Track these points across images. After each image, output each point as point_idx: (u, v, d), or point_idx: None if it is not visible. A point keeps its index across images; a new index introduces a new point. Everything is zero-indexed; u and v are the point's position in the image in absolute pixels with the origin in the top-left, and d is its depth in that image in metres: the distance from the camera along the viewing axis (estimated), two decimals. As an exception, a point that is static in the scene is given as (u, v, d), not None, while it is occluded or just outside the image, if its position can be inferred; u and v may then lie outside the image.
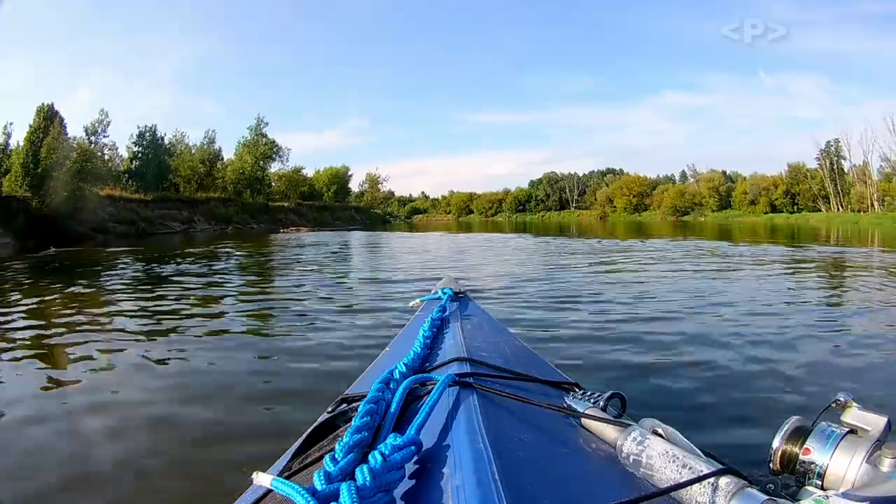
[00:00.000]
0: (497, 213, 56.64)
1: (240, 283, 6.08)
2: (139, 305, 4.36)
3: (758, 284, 5.29)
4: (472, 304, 1.55)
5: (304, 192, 40.96)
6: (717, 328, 3.32)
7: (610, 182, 51.92)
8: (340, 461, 0.50)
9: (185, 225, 25.20)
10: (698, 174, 47.31)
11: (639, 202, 48.52)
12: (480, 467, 0.49)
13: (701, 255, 8.63)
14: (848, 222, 28.07)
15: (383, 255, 10.66)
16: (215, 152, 33.50)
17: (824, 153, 37.16)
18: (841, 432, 0.55)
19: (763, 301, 4.29)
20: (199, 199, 29.05)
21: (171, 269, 7.50)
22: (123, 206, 22.87)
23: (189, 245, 13.64)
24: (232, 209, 30.09)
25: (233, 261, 9.17)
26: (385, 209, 53.66)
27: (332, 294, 4.94)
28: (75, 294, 5.16)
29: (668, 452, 0.54)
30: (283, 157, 38.23)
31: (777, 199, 39.39)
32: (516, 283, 5.43)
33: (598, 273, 6.31)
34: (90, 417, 1.99)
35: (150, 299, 4.64)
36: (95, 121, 26.77)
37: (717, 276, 5.93)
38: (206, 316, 3.92)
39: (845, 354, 2.78)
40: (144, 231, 21.42)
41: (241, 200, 32.36)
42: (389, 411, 0.64)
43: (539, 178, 57.07)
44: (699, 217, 41.65)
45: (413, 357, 0.86)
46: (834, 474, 0.53)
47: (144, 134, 30.49)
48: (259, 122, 36.91)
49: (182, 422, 1.95)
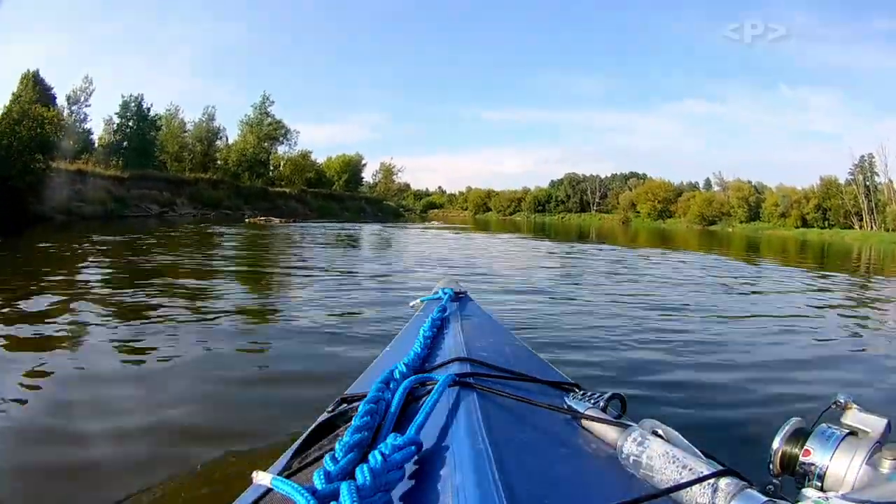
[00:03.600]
0: (515, 213, 55.41)
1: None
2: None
3: (767, 295, 5.27)
4: (473, 304, 1.55)
5: (311, 178, 37.74)
6: (718, 330, 3.32)
7: (633, 186, 50.77)
8: (340, 461, 0.50)
9: (164, 208, 22.13)
10: (725, 182, 45.88)
11: (663, 208, 47.26)
12: (480, 467, 0.49)
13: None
14: (885, 242, 26.89)
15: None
16: (214, 130, 30.58)
17: (858, 168, 35.79)
18: (841, 434, 0.55)
19: (764, 306, 4.29)
20: (186, 180, 25.58)
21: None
22: (94, 184, 19.78)
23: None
24: (223, 192, 26.72)
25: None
26: (399, 202, 51.28)
27: (331, 295, 4.95)
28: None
29: (668, 453, 0.54)
30: (291, 140, 35.27)
31: (808, 214, 38.02)
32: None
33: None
34: (83, 413, 1.99)
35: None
36: (78, 88, 23.86)
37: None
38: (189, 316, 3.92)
39: (846, 357, 2.78)
40: (113, 213, 18.74)
41: (235, 183, 28.87)
42: (389, 411, 0.65)
43: (560, 178, 56.14)
44: (727, 227, 40.18)
45: (413, 357, 0.86)
46: (834, 476, 0.53)
47: (129, 104, 26.89)
48: (264, 99, 33.66)
49: (180, 422, 1.95)
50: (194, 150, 29.35)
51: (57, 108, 21.10)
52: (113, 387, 2.37)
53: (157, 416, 2.01)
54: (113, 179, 21.57)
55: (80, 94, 23.79)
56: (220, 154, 31.31)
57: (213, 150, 30.55)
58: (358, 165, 44.75)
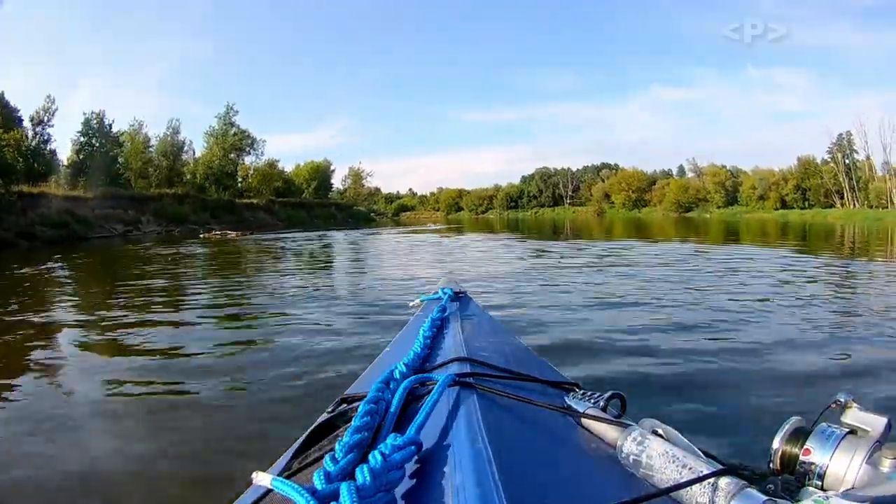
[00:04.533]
0: (488, 210, 55.39)
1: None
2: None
3: (761, 288, 5.28)
4: (472, 304, 1.54)
5: (280, 188, 36.89)
6: (718, 330, 3.32)
7: (606, 177, 50.74)
8: (340, 461, 0.50)
9: (129, 227, 21.49)
10: (699, 168, 45.74)
11: (638, 198, 47.39)
12: (480, 467, 0.49)
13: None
14: (869, 219, 26.39)
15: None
16: (179, 144, 29.61)
17: (836, 146, 35.39)
18: (841, 433, 0.55)
19: (764, 304, 4.29)
20: (150, 196, 24.86)
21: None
22: (56, 206, 19.19)
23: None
24: (188, 207, 25.85)
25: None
26: (370, 206, 50.64)
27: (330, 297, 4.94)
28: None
29: (668, 453, 0.54)
30: (258, 149, 34.56)
31: (787, 195, 37.88)
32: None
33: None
34: (86, 419, 1.99)
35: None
36: (41, 108, 22.65)
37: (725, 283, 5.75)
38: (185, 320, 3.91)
39: (846, 356, 2.78)
40: (76, 234, 18.04)
41: (201, 197, 27.91)
42: (389, 411, 0.64)
43: (531, 173, 56.03)
44: (704, 213, 40.11)
45: (413, 357, 0.86)
46: (834, 475, 0.53)
47: (90, 122, 25.79)
48: (229, 110, 32.88)
49: (180, 422, 1.95)
50: (160, 165, 28.31)
51: (22, 129, 20.54)
52: (113, 387, 2.37)
53: (156, 415, 2.01)
54: (76, 200, 20.91)
55: (44, 115, 22.88)
56: (188, 168, 30.33)
57: (178, 165, 29.53)
58: (327, 171, 43.92)
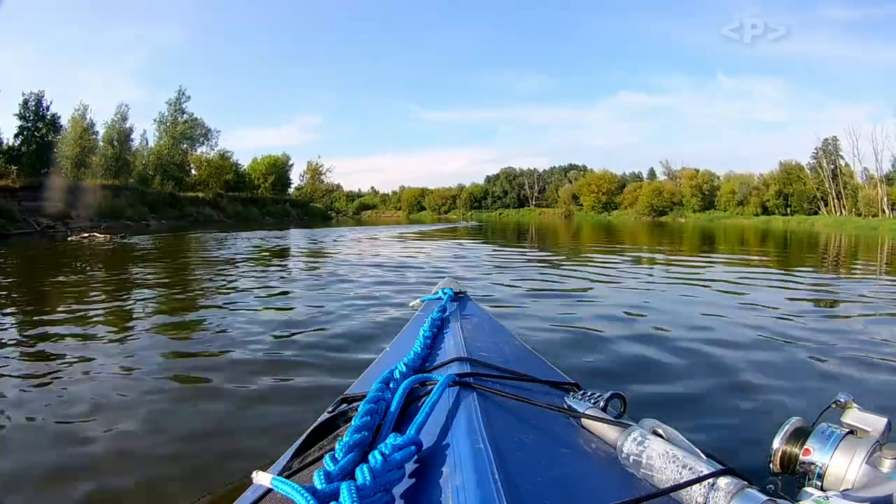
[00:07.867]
0: (451, 210, 53.92)
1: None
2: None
3: (758, 291, 5.28)
4: (472, 304, 1.55)
5: (231, 181, 33.81)
6: (718, 330, 3.32)
7: (574, 179, 49.43)
8: (340, 461, 0.50)
9: (55, 222, 18.91)
10: (673, 171, 44.12)
11: (608, 200, 46.05)
12: (480, 467, 0.49)
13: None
14: (863, 228, 24.58)
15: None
16: (126, 131, 27.25)
17: (822, 151, 34.45)
18: (841, 433, 0.55)
19: (763, 305, 4.30)
20: (84, 188, 22.29)
21: None
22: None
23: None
24: (125, 201, 23.26)
25: None
26: (328, 203, 48.29)
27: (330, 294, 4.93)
28: None
29: (668, 453, 0.54)
30: (212, 140, 32.33)
31: (769, 200, 36.57)
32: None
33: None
34: (82, 413, 1.99)
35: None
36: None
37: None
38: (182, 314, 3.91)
39: (846, 357, 2.78)
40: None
41: (141, 189, 25.52)
42: (389, 411, 0.65)
43: (496, 173, 54.84)
44: (678, 217, 38.45)
45: (413, 357, 0.86)
46: (834, 475, 0.53)
47: (28, 103, 23.05)
48: (180, 94, 30.56)
49: (180, 421, 1.95)
50: (105, 153, 25.89)
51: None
52: (111, 386, 2.36)
53: (156, 416, 2.00)
54: (3, 191, 18.61)
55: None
56: (137, 158, 28.16)
57: (125, 153, 27.09)
58: (285, 166, 41.17)
